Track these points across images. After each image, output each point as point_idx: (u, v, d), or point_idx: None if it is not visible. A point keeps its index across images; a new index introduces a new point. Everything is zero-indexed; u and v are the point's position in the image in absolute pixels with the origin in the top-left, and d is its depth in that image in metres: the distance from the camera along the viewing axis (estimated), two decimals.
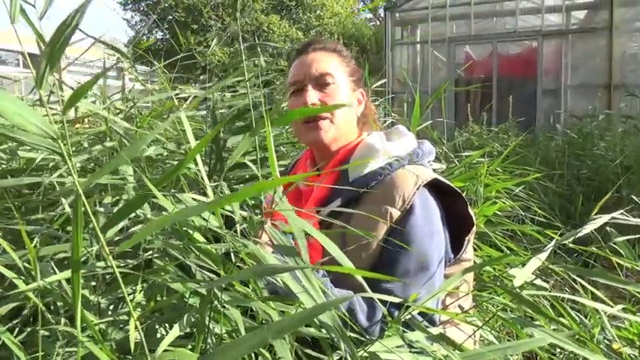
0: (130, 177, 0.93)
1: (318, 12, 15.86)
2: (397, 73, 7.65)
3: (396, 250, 0.93)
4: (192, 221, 0.77)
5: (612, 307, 1.13)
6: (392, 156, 1.04)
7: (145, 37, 14.91)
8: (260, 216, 0.79)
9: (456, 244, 1.07)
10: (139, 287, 0.67)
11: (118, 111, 1.39)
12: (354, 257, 0.96)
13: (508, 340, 1.41)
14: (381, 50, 9.49)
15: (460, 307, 0.98)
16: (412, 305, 0.70)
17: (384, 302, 0.93)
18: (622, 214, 0.78)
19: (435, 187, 1.03)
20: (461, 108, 7.29)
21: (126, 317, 0.75)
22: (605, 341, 1.19)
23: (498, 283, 1.60)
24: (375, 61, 12.61)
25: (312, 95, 1.07)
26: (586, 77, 7.07)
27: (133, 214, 0.82)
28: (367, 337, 0.85)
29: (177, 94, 1.39)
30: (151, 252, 0.77)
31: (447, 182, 1.05)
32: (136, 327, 0.54)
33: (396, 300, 0.70)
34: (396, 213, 0.97)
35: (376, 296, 0.64)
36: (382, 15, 8.98)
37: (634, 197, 1.04)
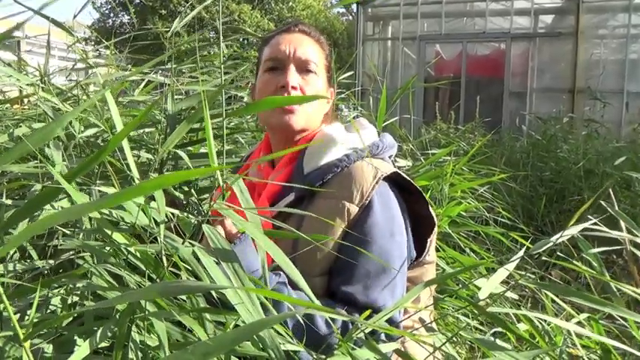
0: (59, 164, 0.82)
1: (290, 3, 15.70)
2: (367, 68, 7.61)
3: (355, 249, 0.85)
4: (122, 218, 0.67)
5: (578, 315, 1.10)
6: (350, 147, 0.97)
7: (110, 20, 14.44)
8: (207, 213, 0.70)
9: (418, 245, 1.00)
10: (35, 297, 0.57)
11: (58, 91, 1.26)
12: (308, 258, 0.89)
13: (470, 347, 1.37)
14: (353, 45, 9.44)
15: (421, 319, 0.91)
16: (359, 322, 0.63)
17: (346, 305, 0.86)
18: (595, 223, 0.72)
19: (395, 185, 0.96)
20: (429, 106, 7.31)
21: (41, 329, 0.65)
22: (567, 350, 1.16)
23: (461, 286, 1.55)
24: (347, 55, 12.57)
25: (295, 77, 0.97)
26: (551, 81, 7.20)
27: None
28: (325, 345, 0.78)
29: (127, 77, 1.27)
30: (72, 253, 0.67)
31: (408, 178, 0.98)
32: (32, 345, 0.45)
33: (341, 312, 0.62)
34: (354, 209, 0.90)
35: (329, 315, 0.56)
36: (355, 10, 8.92)
37: (602, 203, 0.99)
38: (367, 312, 0.69)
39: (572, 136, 4.41)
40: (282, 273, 0.84)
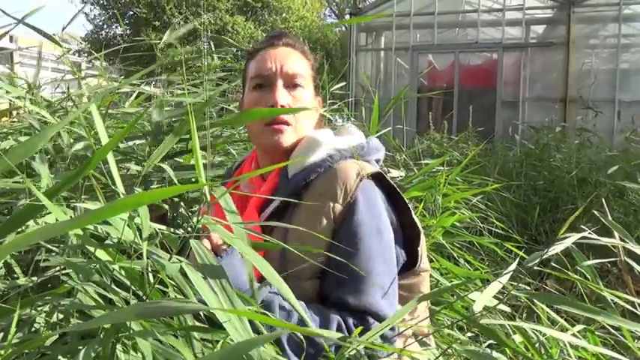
0: (44, 179, 0.80)
1: (284, 15, 15.77)
2: (360, 78, 7.64)
3: (344, 251, 0.84)
4: (108, 234, 0.66)
5: (573, 326, 1.09)
6: (334, 148, 0.96)
7: (103, 32, 14.45)
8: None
9: (409, 254, 0.99)
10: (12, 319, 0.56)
11: (46, 103, 1.25)
12: (297, 263, 0.87)
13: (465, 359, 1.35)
14: (346, 56, 9.48)
15: (415, 334, 0.90)
16: (352, 339, 0.61)
17: (338, 309, 0.84)
18: (590, 233, 0.72)
19: (380, 186, 0.95)
20: (422, 116, 7.34)
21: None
22: None
23: (456, 298, 1.54)
24: (340, 66, 12.62)
25: (283, 95, 0.96)
26: (543, 90, 7.25)
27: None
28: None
29: (114, 88, 1.26)
30: (57, 269, 0.65)
31: (392, 182, 0.97)
32: None
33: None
34: (338, 208, 0.89)
35: (312, 330, 0.55)
36: None
37: (595, 212, 0.99)
38: (359, 329, 0.68)
39: (565, 145, 4.42)
40: None
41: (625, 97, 6.65)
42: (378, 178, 0.95)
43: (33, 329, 0.72)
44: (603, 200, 1.33)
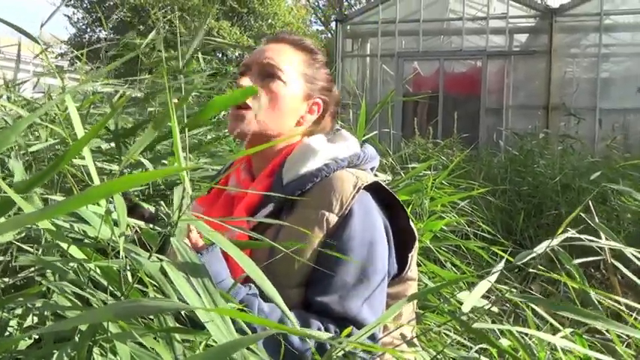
0: (19, 175, 0.77)
1: (270, 21, 15.77)
2: (346, 82, 7.66)
3: (334, 261, 0.82)
4: (84, 232, 0.63)
5: (562, 329, 1.08)
6: (330, 157, 0.94)
7: (86, 36, 14.30)
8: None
9: (400, 260, 0.97)
10: None
11: (24, 102, 1.21)
12: (284, 269, 0.85)
13: None
14: (333, 62, 9.50)
15: (402, 335, 0.88)
16: (335, 342, 0.59)
17: (320, 315, 0.82)
18: (576, 234, 0.71)
19: (376, 196, 0.94)
20: (408, 122, 7.37)
21: None
22: None
23: (442, 301, 1.53)
24: None
25: (247, 80, 0.96)
26: (527, 98, 7.34)
27: None
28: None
29: (77, 87, 1.23)
30: (32, 270, 0.62)
31: (389, 190, 0.96)
32: None
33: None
34: (333, 218, 0.87)
35: (299, 331, 0.52)
36: (334, 27, 9.01)
37: (582, 215, 0.98)
38: (349, 329, 0.66)
39: (548, 152, 4.47)
40: (252, 285, 0.81)
41: (606, 105, 6.75)
42: (376, 188, 0.94)
43: (7, 333, 0.68)
44: (590, 204, 1.33)
